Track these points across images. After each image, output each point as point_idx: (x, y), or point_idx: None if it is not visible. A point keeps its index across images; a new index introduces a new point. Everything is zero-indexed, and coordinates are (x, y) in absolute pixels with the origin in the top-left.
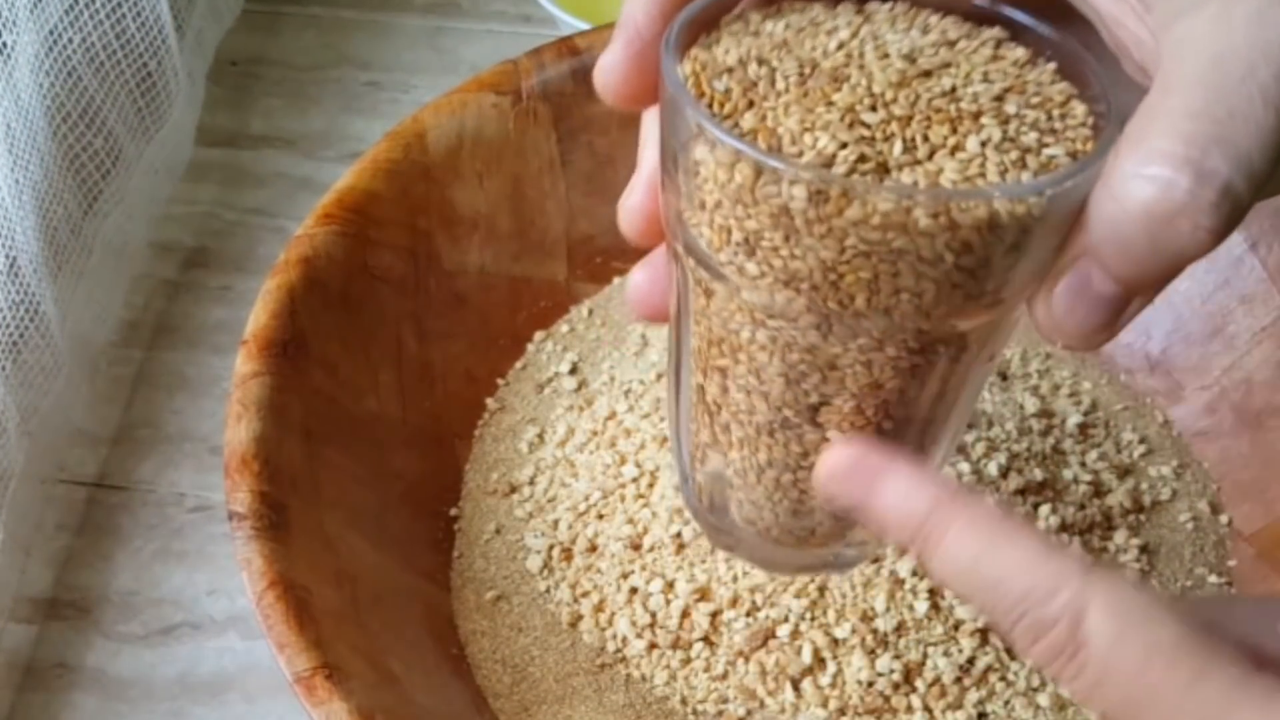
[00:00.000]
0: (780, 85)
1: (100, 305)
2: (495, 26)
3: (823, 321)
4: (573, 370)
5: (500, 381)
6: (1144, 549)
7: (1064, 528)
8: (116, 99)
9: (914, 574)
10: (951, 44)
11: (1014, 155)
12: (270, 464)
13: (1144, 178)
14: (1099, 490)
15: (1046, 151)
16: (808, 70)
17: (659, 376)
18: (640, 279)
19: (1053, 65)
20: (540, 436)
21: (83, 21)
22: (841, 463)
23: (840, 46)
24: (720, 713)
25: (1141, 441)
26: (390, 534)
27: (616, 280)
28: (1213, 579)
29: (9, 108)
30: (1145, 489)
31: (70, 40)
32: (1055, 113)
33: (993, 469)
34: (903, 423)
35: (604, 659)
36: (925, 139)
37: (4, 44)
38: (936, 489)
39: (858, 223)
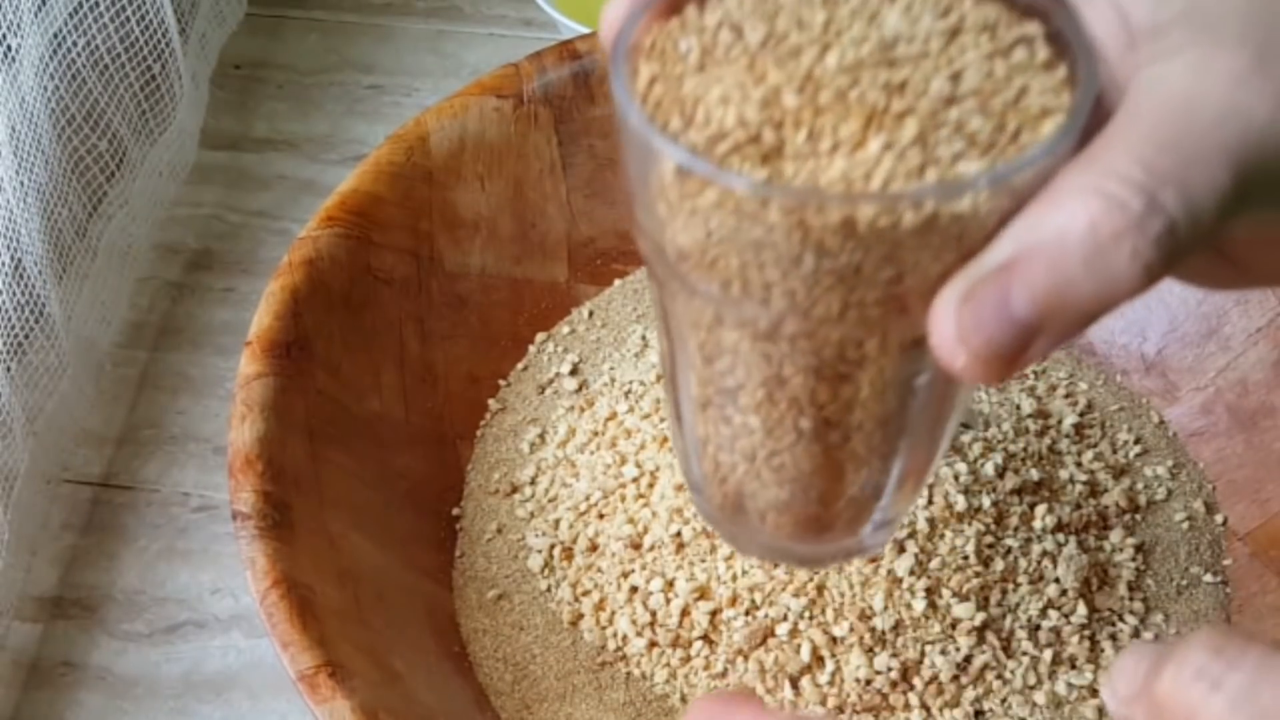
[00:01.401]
0: (736, 52)
1: (105, 307)
2: (497, 30)
3: (716, 304)
4: (574, 371)
5: (502, 382)
6: (1139, 548)
7: (1060, 527)
8: (121, 102)
9: (911, 573)
10: (955, 33)
11: (914, 163)
12: (274, 464)
13: (1097, 191)
14: (1095, 490)
15: (960, 165)
16: (771, 40)
17: (659, 378)
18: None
19: (1060, 75)
20: (541, 437)
21: (87, 25)
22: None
23: (828, 20)
24: None
25: (1137, 442)
26: (393, 533)
27: (617, 282)
28: (1208, 578)
29: (14, 110)
30: (1141, 489)
31: (75, 43)
32: (1013, 127)
33: (989, 469)
34: (830, 425)
35: (604, 657)
36: (834, 131)
37: (9, 47)
38: None
39: (716, 206)
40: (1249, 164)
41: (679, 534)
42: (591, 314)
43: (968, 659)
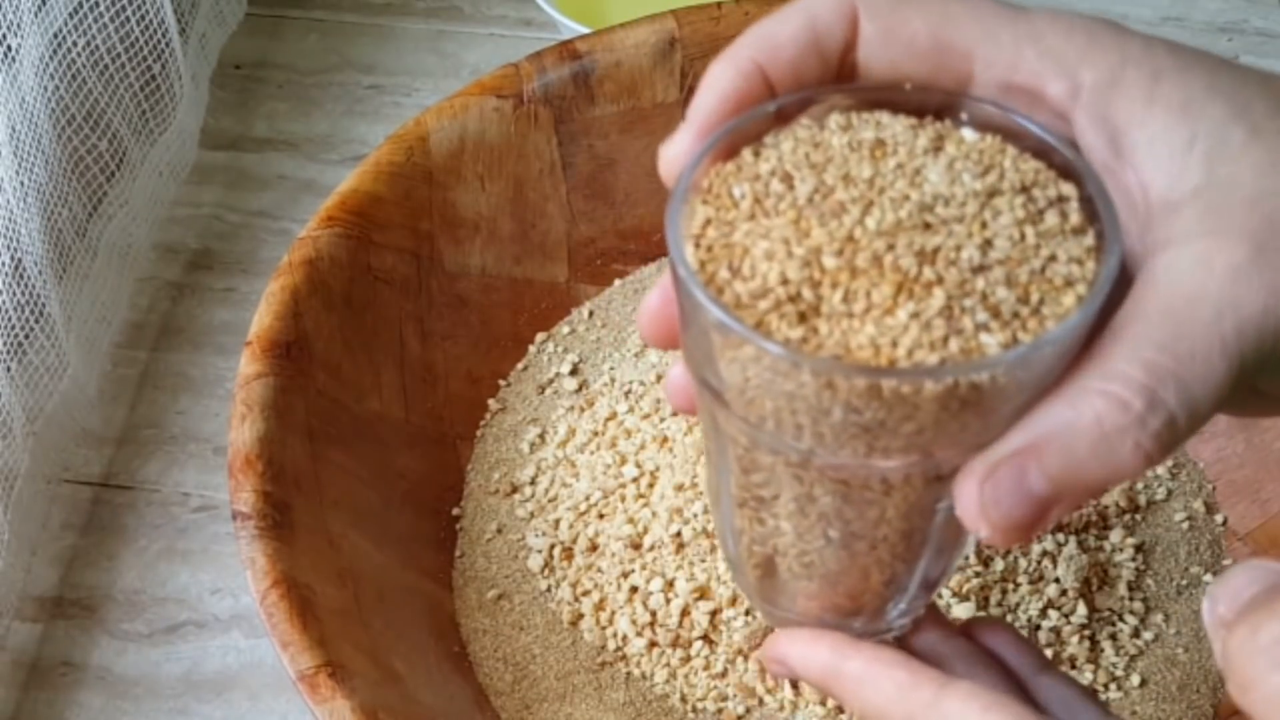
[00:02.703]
0: (785, 204)
1: (105, 307)
2: (497, 31)
3: (752, 431)
4: (574, 371)
5: (502, 382)
6: (1139, 548)
7: (1060, 527)
8: (121, 102)
9: None
10: (992, 195)
11: (938, 334)
12: (274, 464)
13: (1102, 393)
14: None
15: (982, 336)
16: (818, 196)
17: (659, 378)
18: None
19: (1088, 242)
20: (541, 437)
21: (87, 25)
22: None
23: (873, 175)
24: (719, 710)
25: None
26: (393, 533)
27: (617, 282)
28: (1208, 578)
29: (14, 111)
30: (1141, 488)
31: (75, 44)
32: (1036, 298)
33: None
34: (856, 537)
35: (604, 657)
36: (867, 295)
37: (9, 47)
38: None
39: (753, 360)
40: (1245, 353)
41: (679, 534)
42: (591, 314)
43: None
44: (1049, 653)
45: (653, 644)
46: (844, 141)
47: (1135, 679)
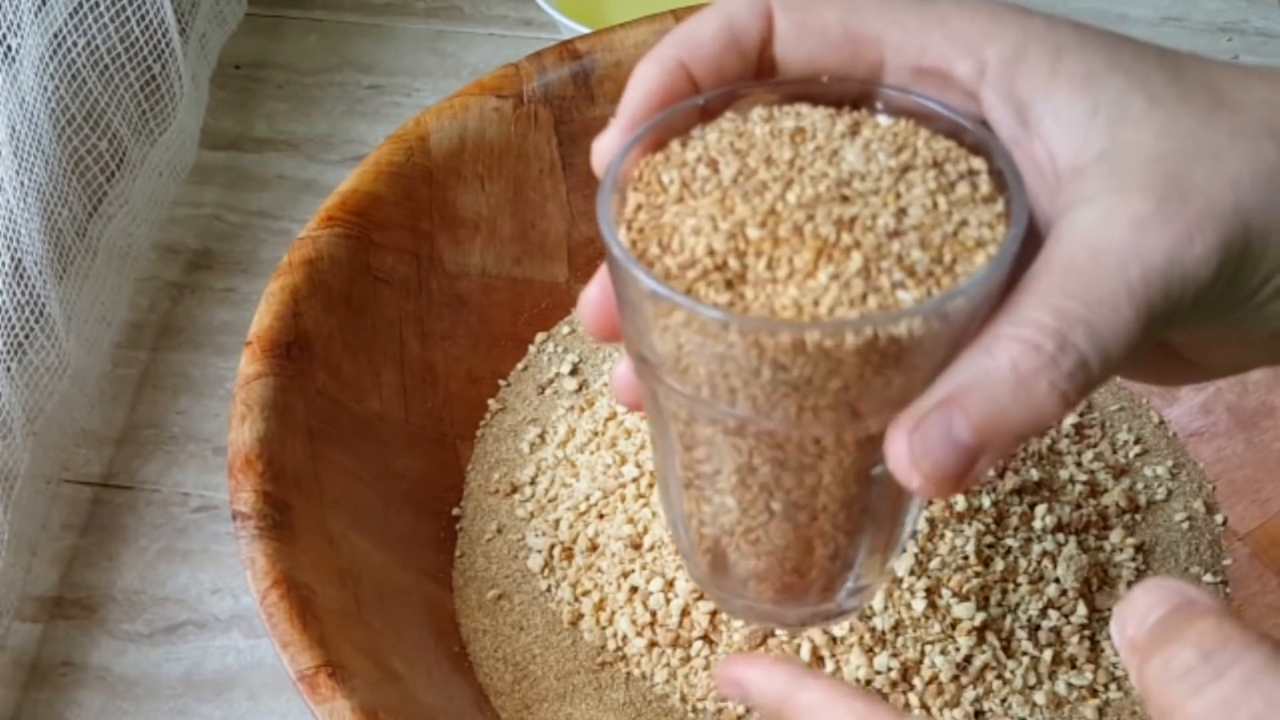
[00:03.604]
0: (710, 186)
1: (105, 307)
2: (497, 30)
3: (690, 403)
4: (574, 371)
5: (502, 382)
6: (1139, 548)
7: (1060, 527)
8: (121, 102)
9: (911, 573)
10: (906, 170)
11: (857, 291)
12: (274, 464)
13: (1015, 338)
14: (1095, 490)
15: (899, 294)
16: (742, 177)
17: None
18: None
19: (998, 208)
20: (541, 437)
21: (87, 25)
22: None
23: (794, 157)
24: (719, 710)
25: (1137, 442)
26: (393, 533)
27: None
28: (1208, 578)
29: (14, 110)
30: (1141, 489)
31: (75, 43)
32: (949, 258)
33: (989, 469)
34: (798, 507)
35: (604, 657)
36: (790, 261)
37: (9, 47)
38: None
39: (684, 325)
40: (1153, 301)
41: None
42: None
43: (968, 659)
44: (1049, 653)
45: (653, 644)
46: (766, 130)
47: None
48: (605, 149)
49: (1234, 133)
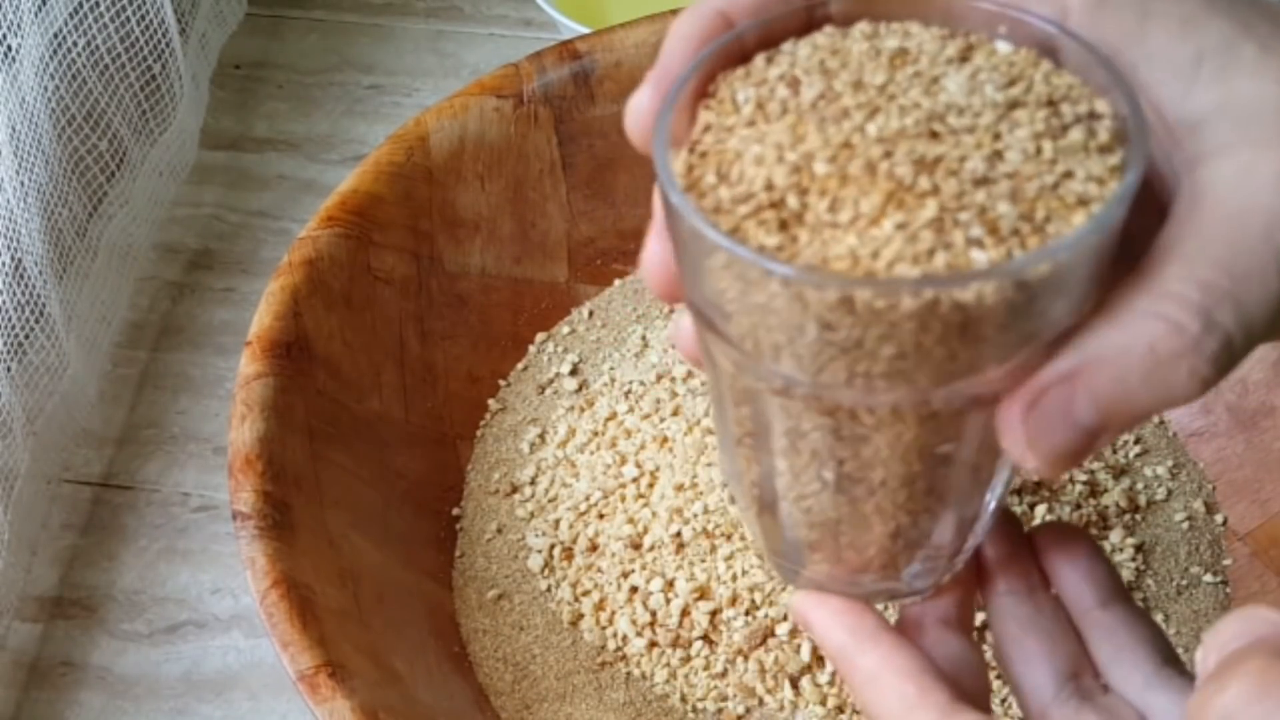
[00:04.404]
0: (789, 108)
1: (105, 307)
2: (497, 30)
3: (736, 355)
4: (574, 371)
5: (502, 382)
6: (1139, 548)
7: None
8: (121, 102)
9: None
10: (1013, 107)
11: (924, 246)
12: (274, 464)
13: (1155, 315)
14: (1095, 490)
15: (973, 253)
16: (823, 101)
17: (659, 378)
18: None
19: (1113, 161)
20: (541, 437)
21: (87, 25)
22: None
23: (886, 82)
24: (720, 710)
25: (1137, 442)
26: (393, 533)
27: (617, 282)
28: (1208, 578)
29: (14, 110)
30: (1141, 489)
31: (75, 43)
32: (1041, 215)
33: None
34: (852, 480)
35: (604, 657)
36: (855, 204)
37: (9, 47)
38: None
39: (724, 268)
40: None
41: (679, 534)
42: (591, 314)
43: None
44: None
45: (653, 644)
46: (864, 48)
47: None
48: (636, 106)
49: None
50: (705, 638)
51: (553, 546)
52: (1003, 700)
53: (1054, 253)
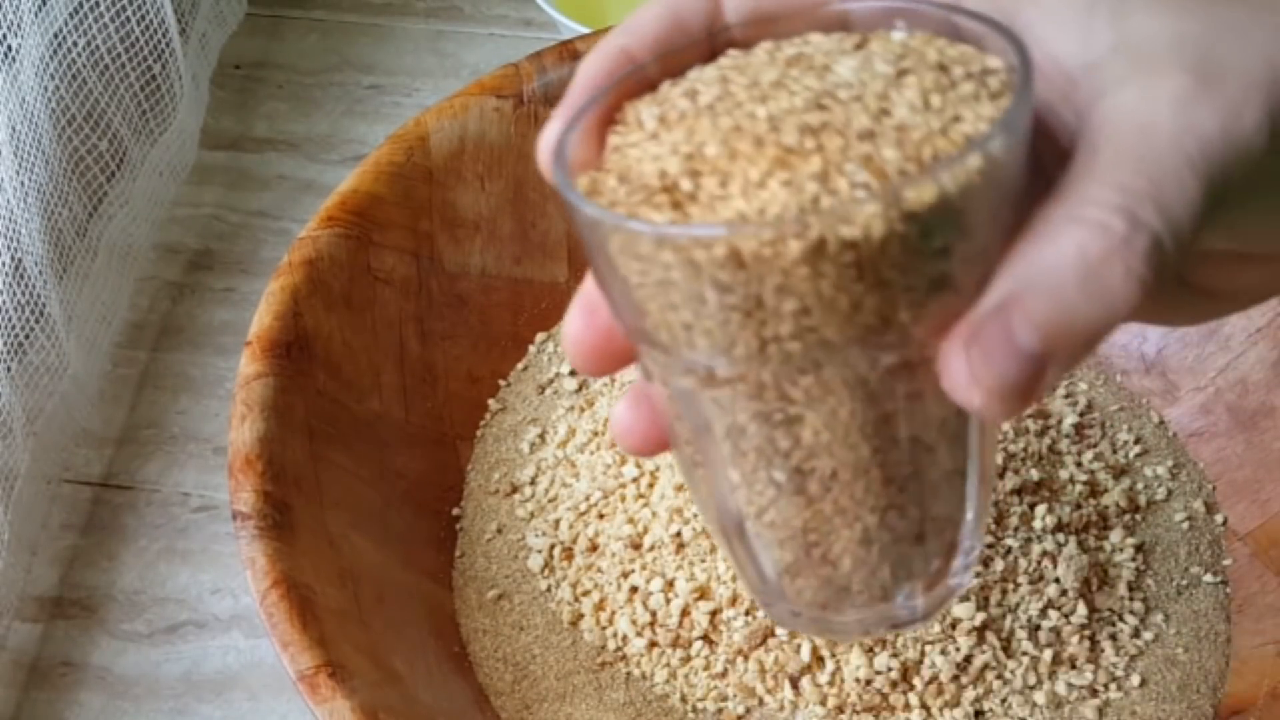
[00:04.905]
0: (687, 114)
1: (105, 307)
2: (497, 31)
3: (661, 353)
4: (574, 371)
5: (502, 382)
6: (1139, 548)
7: (1060, 527)
8: (121, 102)
9: None
10: (903, 74)
11: (808, 195)
12: (274, 464)
13: (1079, 220)
14: (1095, 490)
15: (857, 194)
16: (719, 102)
17: None
18: (621, 411)
19: (1004, 104)
20: (541, 437)
21: (87, 25)
22: None
23: (779, 77)
24: (720, 710)
25: (1137, 442)
26: (393, 533)
27: None
28: (1208, 578)
29: (14, 111)
30: (1141, 489)
31: (75, 44)
32: (928, 154)
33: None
34: (803, 474)
35: (604, 657)
36: (744, 175)
37: (9, 47)
38: None
39: (621, 252)
40: (1212, 175)
41: (679, 534)
42: None
43: (968, 659)
44: (1049, 653)
45: (653, 644)
46: (763, 58)
47: (1135, 679)
48: (547, 139)
49: (1253, 13)
50: (705, 638)
51: (553, 546)
52: (1002, 700)
53: (934, 174)
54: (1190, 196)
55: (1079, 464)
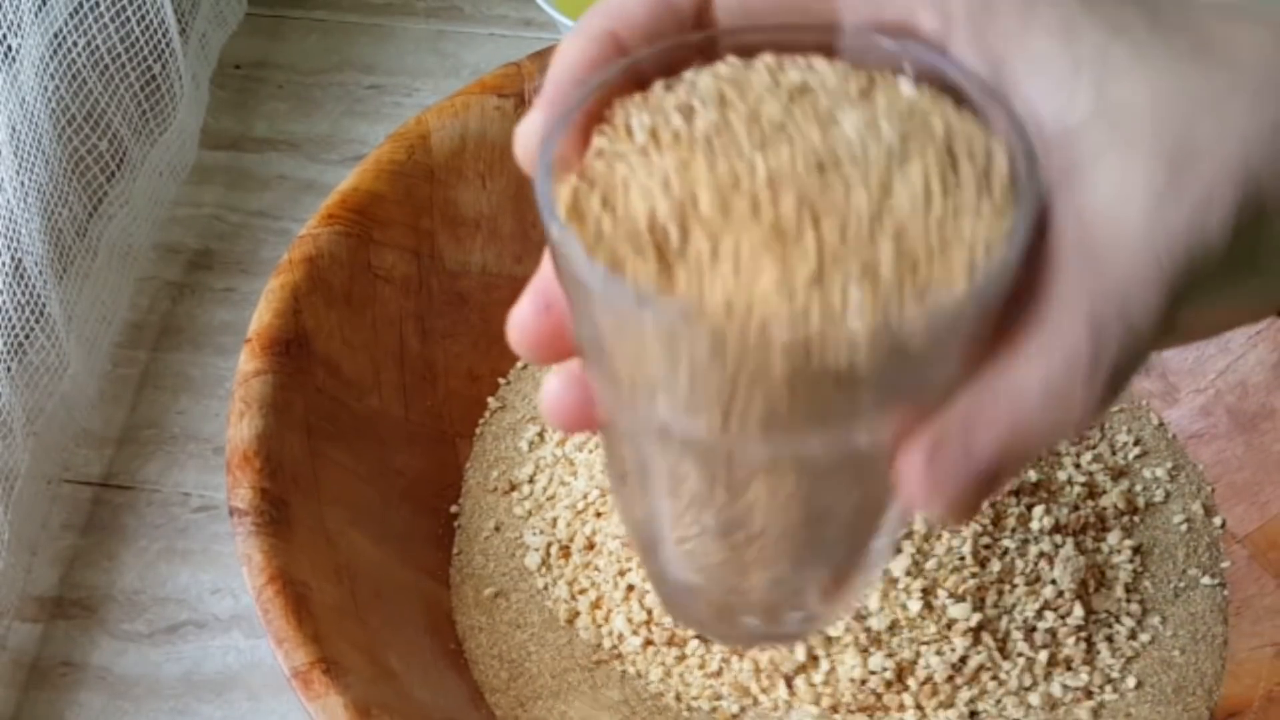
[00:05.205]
0: (681, 138)
1: (105, 307)
2: (497, 30)
3: (615, 394)
4: None
5: (501, 380)
6: (1137, 550)
7: (1057, 529)
8: (121, 102)
9: (907, 573)
10: (908, 152)
11: (800, 301)
12: (272, 461)
13: (1045, 353)
14: (1093, 491)
15: (849, 315)
16: (715, 132)
17: None
18: (555, 387)
19: (1006, 224)
20: (540, 435)
21: (87, 25)
22: None
23: (782, 118)
24: (714, 709)
25: (1136, 443)
26: (391, 530)
27: None
28: (1206, 580)
29: (14, 110)
30: (1139, 490)
31: (75, 43)
32: (924, 277)
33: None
34: (733, 525)
35: (600, 655)
36: (736, 245)
37: (9, 47)
38: None
39: (599, 298)
40: (1177, 279)
41: None
42: None
43: (963, 660)
44: (1045, 654)
45: (648, 642)
46: (766, 80)
47: (1131, 681)
48: (526, 130)
49: (1231, 86)
50: (700, 637)
51: (550, 545)
52: (997, 702)
53: (929, 308)
54: (1154, 310)
55: (1077, 465)
